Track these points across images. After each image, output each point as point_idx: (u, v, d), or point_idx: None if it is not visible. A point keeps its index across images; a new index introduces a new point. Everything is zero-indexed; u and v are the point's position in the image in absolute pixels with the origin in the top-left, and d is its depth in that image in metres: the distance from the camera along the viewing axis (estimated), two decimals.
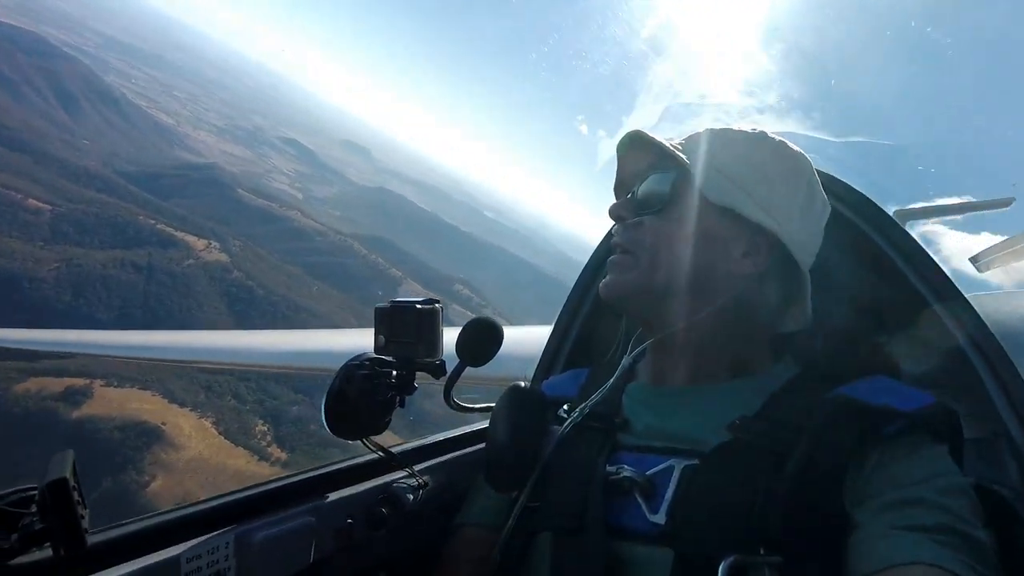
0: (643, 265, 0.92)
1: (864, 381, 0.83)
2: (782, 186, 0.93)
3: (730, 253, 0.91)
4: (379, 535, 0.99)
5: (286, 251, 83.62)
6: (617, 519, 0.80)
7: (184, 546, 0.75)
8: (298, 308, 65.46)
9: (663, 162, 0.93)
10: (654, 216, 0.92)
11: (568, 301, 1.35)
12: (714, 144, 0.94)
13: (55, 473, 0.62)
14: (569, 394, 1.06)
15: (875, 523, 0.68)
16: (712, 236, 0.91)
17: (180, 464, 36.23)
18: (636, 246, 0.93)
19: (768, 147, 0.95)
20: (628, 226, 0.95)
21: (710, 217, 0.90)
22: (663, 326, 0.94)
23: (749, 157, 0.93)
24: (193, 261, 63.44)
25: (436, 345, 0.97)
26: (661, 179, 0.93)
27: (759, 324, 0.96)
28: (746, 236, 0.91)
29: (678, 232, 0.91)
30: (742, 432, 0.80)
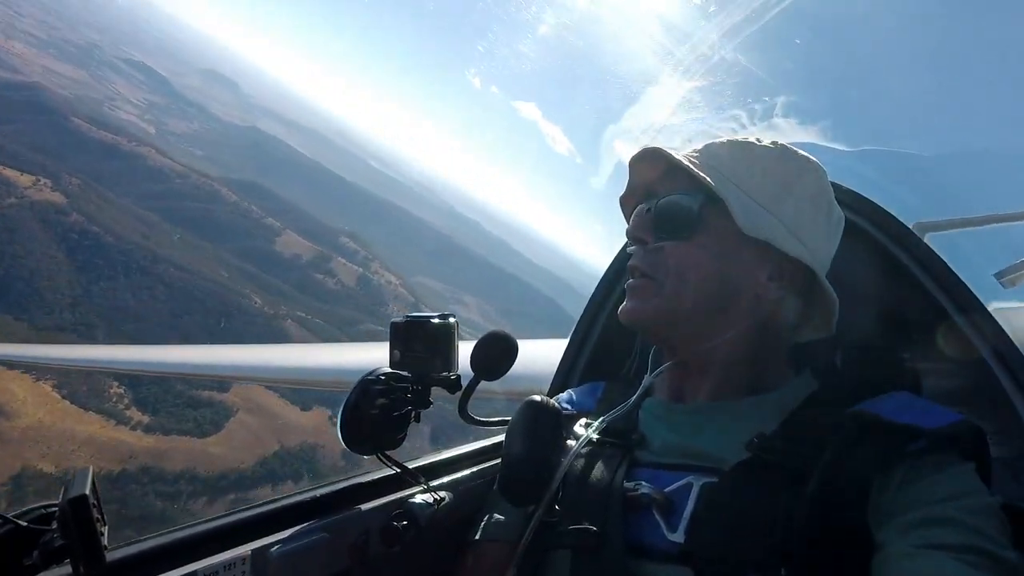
0: (667, 292, 0.90)
1: (886, 397, 0.81)
2: (808, 205, 0.92)
3: (756, 278, 0.90)
4: (394, 551, 0.98)
5: (139, 194, 72.78)
6: (635, 536, 0.79)
7: (202, 563, 0.75)
8: (157, 259, 57.62)
9: (687, 182, 0.90)
10: (679, 241, 0.90)
11: (583, 315, 1.35)
12: (739, 164, 0.91)
13: (76, 490, 0.62)
14: (586, 408, 1.05)
15: (900, 542, 0.66)
16: (740, 264, 0.90)
17: (15, 433, 32.55)
18: (658, 272, 0.91)
19: (794, 163, 0.94)
20: (649, 250, 0.93)
21: (740, 246, 0.89)
22: (685, 349, 0.93)
23: (776, 176, 0.91)
24: (16, 200, 53.27)
25: (451, 360, 0.97)
26: (686, 201, 0.90)
27: (780, 340, 0.95)
28: (773, 261, 0.90)
29: (704, 260, 0.89)
30: (761, 450, 0.78)
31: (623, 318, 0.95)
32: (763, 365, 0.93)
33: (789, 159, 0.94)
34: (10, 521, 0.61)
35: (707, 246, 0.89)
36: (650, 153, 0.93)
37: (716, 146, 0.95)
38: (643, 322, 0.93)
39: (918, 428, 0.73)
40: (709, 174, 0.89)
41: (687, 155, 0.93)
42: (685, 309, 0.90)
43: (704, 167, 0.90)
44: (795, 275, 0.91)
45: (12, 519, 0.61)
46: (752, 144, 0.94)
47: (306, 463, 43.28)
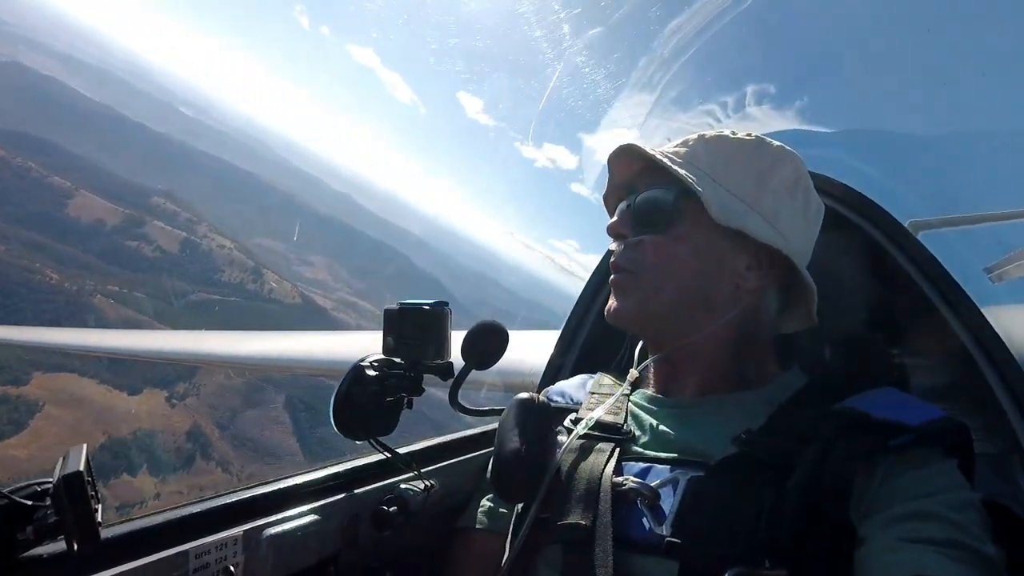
0: (645, 286, 0.92)
1: (872, 393, 0.82)
2: (784, 195, 0.93)
3: (735, 268, 0.91)
4: (385, 535, 0.99)
5: None
6: (624, 530, 0.80)
7: (195, 542, 0.77)
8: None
9: (664, 177, 0.92)
10: (656, 235, 0.92)
11: (575, 307, 1.36)
12: (715, 157, 0.93)
13: (70, 467, 0.63)
14: (576, 401, 1.06)
15: (882, 536, 0.67)
16: (717, 254, 0.91)
17: None
18: (637, 266, 0.93)
19: (769, 155, 0.94)
20: (629, 245, 0.94)
21: (716, 236, 0.90)
22: (669, 343, 0.94)
23: (752, 167, 0.92)
24: None
25: (444, 347, 0.98)
26: (662, 195, 0.92)
27: (763, 332, 0.96)
28: (751, 250, 0.91)
29: (682, 251, 0.91)
30: (748, 445, 0.79)
31: (608, 317, 0.96)
32: (749, 359, 0.94)
33: (764, 150, 0.95)
34: (4, 496, 0.62)
35: (685, 238, 0.90)
36: (626, 150, 0.95)
37: (693, 141, 0.96)
38: (625, 318, 0.94)
39: (902, 424, 0.74)
40: (685, 168, 0.90)
41: (664, 151, 0.94)
42: (665, 302, 0.91)
43: (679, 162, 0.92)
44: (774, 265, 0.92)
45: (6, 494, 0.62)
46: (727, 137, 0.95)
47: (144, 452, 40.45)
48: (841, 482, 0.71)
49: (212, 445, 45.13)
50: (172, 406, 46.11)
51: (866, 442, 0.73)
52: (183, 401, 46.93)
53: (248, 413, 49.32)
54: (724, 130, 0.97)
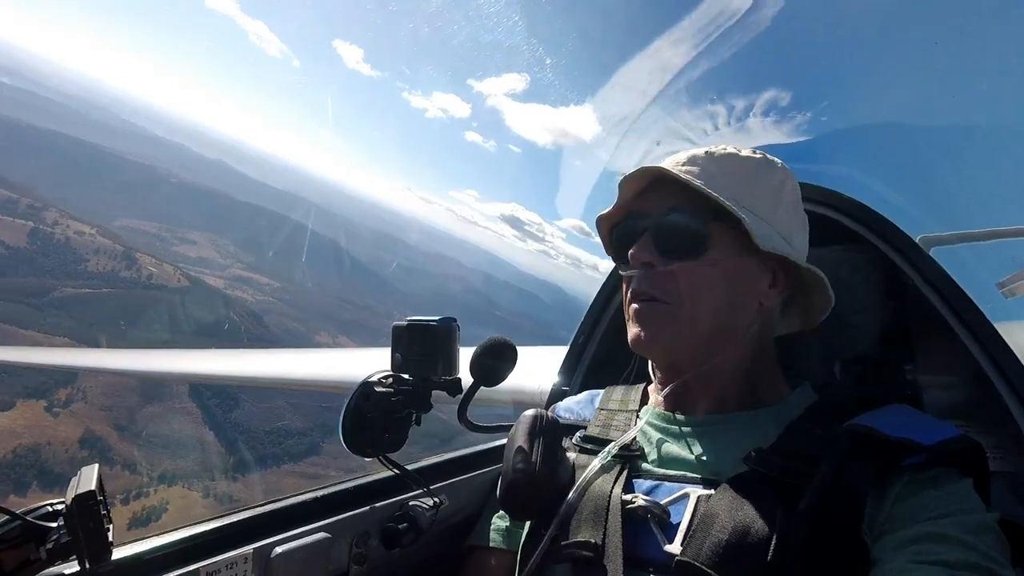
0: (683, 316, 0.88)
1: (884, 410, 0.81)
2: (792, 210, 0.94)
3: (760, 288, 0.91)
4: (395, 552, 0.99)
5: None
6: (633, 548, 0.79)
7: (205, 561, 0.77)
8: None
9: (690, 200, 0.89)
10: (689, 262, 0.88)
11: (582, 324, 1.35)
12: (734, 178, 0.91)
13: (82, 487, 0.63)
14: (584, 417, 1.06)
15: (896, 558, 0.66)
16: (746, 277, 0.90)
17: None
18: (672, 297, 0.88)
19: (778, 172, 0.95)
20: (658, 274, 0.90)
21: (744, 259, 0.89)
22: (692, 368, 0.92)
23: (768, 187, 0.92)
24: None
25: (453, 363, 0.98)
26: (692, 221, 0.88)
27: (770, 345, 0.96)
28: (771, 268, 0.91)
29: (716, 279, 0.88)
30: (758, 463, 0.78)
31: (638, 347, 0.92)
32: (760, 377, 0.94)
33: (774, 167, 0.95)
34: (18, 517, 0.62)
35: (717, 264, 0.88)
36: (650, 172, 0.91)
37: (701, 158, 0.93)
38: (660, 349, 0.91)
39: (915, 443, 0.73)
40: (714, 189, 0.87)
41: (678, 169, 0.91)
42: (701, 332, 0.88)
43: (705, 184, 0.89)
44: (788, 278, 0.93)
45: (19, 515, 0.62)
46: (737, 155, 0.94)
47: (31, 468, 37.29)
48: (853, 502, 0.70)
49: (112, 449, 41.93)
50: (55, 416, 41.72)
51: (878, 461, 0.72)
52: (68, 408, 42.94)
53: (148, 409, 45.34)
54: (727, 147, 0.96)
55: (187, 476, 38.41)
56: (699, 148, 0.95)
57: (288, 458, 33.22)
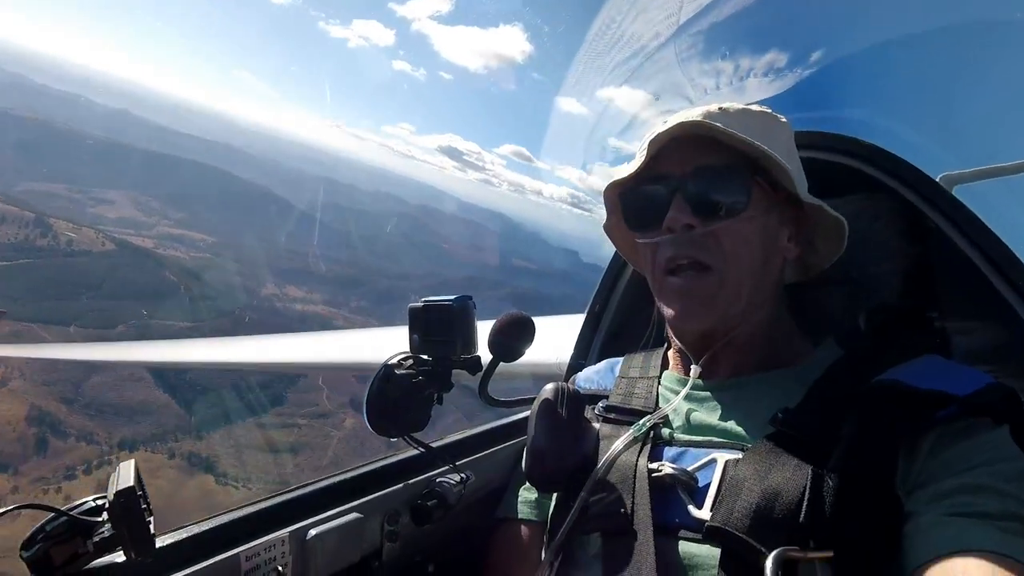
0: (729, 281, 0.84)
1: (913, 362, 0.79)
2: (796, 159, 0.92)
3: (783, 242, 0.90)
4: (425, 528, 1.01)
5: None
6: (662, 516, 0.79)
7: (244, 546, 0.79)
8: None
9: (724, 155, 0.85)
10: (730, 220, 0.84)
11: (598, 292, 1.34)
12: (756, 131, 0.86)
13: (122, 482, 0.66)
14: (604, 386, 1.06)
15: (932, 511, 0.65)
16: (775, 231, 0.88)
17: None
18: (711, 258, 0.85)
19: (784, 124, 0.93)
20: (697, 236, 0.85)
21: (774, 212, 0.87)
22: (726, 335, 0.90)
23: (782, 139, 0.90)
24: None
25: (471, 341, 0.98)
26: (732, 175, 0.84)
27: (783, 297, 0.95)
28: (790, 219, 0.89)
29: (753, 234, 0.85)
30: (785, 424, 0.77)
31: (683, 323, 0.89)
32: (781, 336, 0.93)
33: (779, 121, 0.93)
34: (64, 514, 0.65)
35: (754, 220, 0.85)
36: (689, 127, 0.84)
37: (720, 116, 0.88)
38: (710, 324, 0.87)
39: (947, 393, 0.71)
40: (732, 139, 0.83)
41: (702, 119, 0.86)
42: (743, 297, 0.86)
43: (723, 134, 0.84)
44: (801, 228, 0.92)
45: (65, 512, 0.65)
46: (750, 111, 0.92)
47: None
48: (885, 458, 0.69)
49: (63, 422, 40.30)
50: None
51: (909, 415, 0.71)
52: (5, 387, 40.79)
53: (95, 379, 43.19)
54: (736, 103, 0.92)
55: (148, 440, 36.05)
56: (709, 105, 0.91)
57: (253, 410, 31.84)
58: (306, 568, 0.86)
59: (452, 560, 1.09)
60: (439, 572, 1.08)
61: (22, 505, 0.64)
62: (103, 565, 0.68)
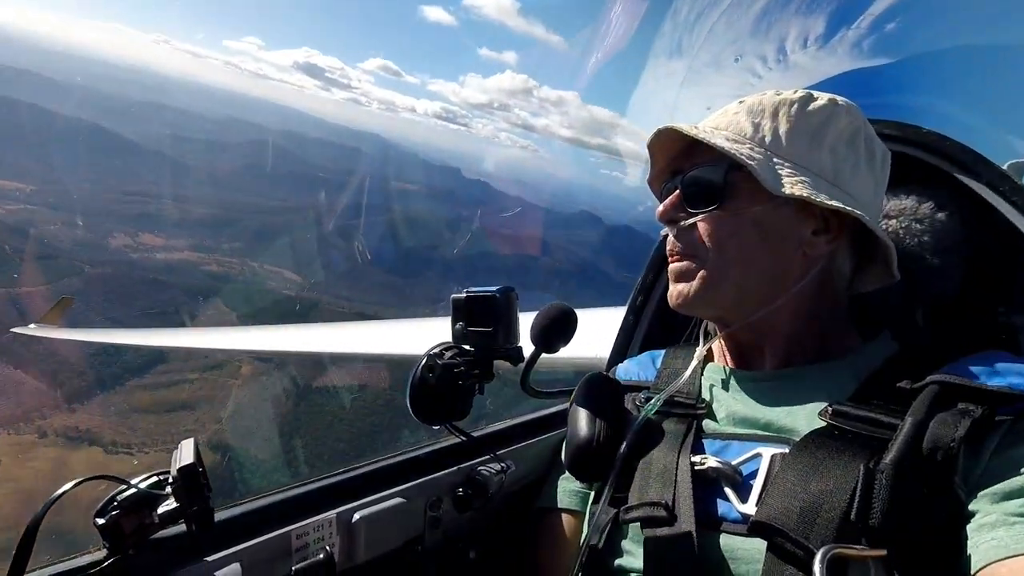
0: (709, 268, 0.87)
1: (976, 357, 0.75)
2: (843, 149, 0.86)
3: (801, 236, 0.86)
4: (466, 516, 1.03)
5: None
6: (705, 510, 0.78)
7: (295, 525, 0.83)
8: None
9: (709, 153, 0.87)
10: (711, 214, 0.87)
11: (640, 284, 1.33)
12: (761, 123, 0.87)
13: (184, 459, 0.69)
14: (646, 378, 1.05)
15: (995, 511, 0.63)
16: (779, 224, 0.86)
17: None
18: (695, 249, 0.88)
19: (820, 109, 0.87)
20: (683, 229, 0.90)
21: (775, 206, 0.85)
22: (739, 321, 0.90)
23: (803, 127, 0.86)
24: None
25: (513, 332, 0.99)
26: (710, 172, 0.87)
27: (840, 296, 0.91)
28: (817, 214, 0.86)
29: (741, 227, 0.86)
30: (835, 418, 0.75)
31: (672, 304, 0.93)
32: (829, 327, 0.90)
33: (813, 105, 0.88)
34: (132, 486, 0.69)
35: (740, 214, 0.86)
36: (665, 132, 0.90)
37: (733, 108, 0.91)
38: (691, 303, 0.90)
39: (1013, 391, 0.68)
40: (730, 140, 0.85)
41: (704, 125, 0.90)
42: (730, 283, 0.87)
43: (725, 133, 0.87)
44: (844, 224, 0.87)
45: (134, 485, 0.69)
46: (769, 97, 0.89)
47: None
48: (945, 455, 0.66)
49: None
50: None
51: (972, 412, 0.68)
52: None
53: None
54: (766, 91, 0.91)
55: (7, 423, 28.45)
56: (737, 100, 0.92)
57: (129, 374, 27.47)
58: (352, 549, 0.89)
59: (492, 548, 1.10)
60: (480, 559, 1.10)
61: (97, 476, 0.68)
62: (167, 536, 0.72)
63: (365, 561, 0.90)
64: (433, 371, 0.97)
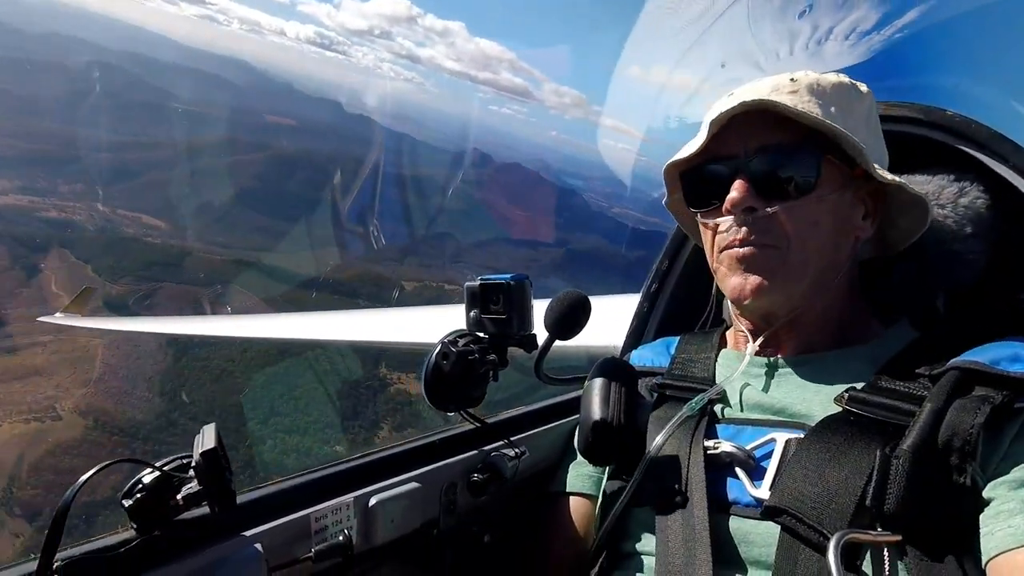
0: (793, 261, 0.82)
1: (996, 344, 0.74)
2: (877, 133, 0.88)
3: (856, 221, 0.86)
4: (480, 501, 1.04)
5: None
6: (718, 493, 0.79)
7: (314, 508, 0.84)
8: None
9: (790, 134, 0.82)
10: (794, 201, 0.81)
11: (655, 271, 1.32)
12: (833, 105, 0.83)
13: (206, 444, 0.71)
14: (659, 364, 1.05)
15: (1013, 498, 0.63)
16: (847, 210, 0.85)
17: None
18: (779, 240, 0.82)
19: (864, 97, 0.88)
20: (761, 217, 0.82)
21: (845, 191, 0.83)
22: (789, 315, 0.88)
23: (860, 112, 0.85)
24: None
25: (527, 319, 0.99)
26: (804, 156, 0.81)
27: (857, 277, 0.92)
28: (864, 197, 0.86)
29: (823, 216, 0.82)
30: (852, 403, 0.75)
31: (741, 295, 0.85)
32: (849, 315, 0.89)
33: (860, 92, 0.88)
34: (156, 469, 0.71)
35: (823, 200, 0.82)
36: (754, 105, 0.80)
37: (791, 88, 0.84)
38: (769, 300, 0.85)
39: None
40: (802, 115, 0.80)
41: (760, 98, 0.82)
42: (810, 274, 0.83)
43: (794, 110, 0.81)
44: (878, 205, 0.88)
45: (159, 467, 0.71)
46: (825, 80, 0.86)
47: None
48: (964, 442, 0.65)
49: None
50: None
51: (992, 399, 0.67)
52: None
53: None
54: (809, 72, 0.87)
55: None
56: (779, 76, 0.87)
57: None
58: (370, 532, 0.91)
59: (507, 531, 1.12)
60: (495, 543, 1.11)
61: (122, 459, 0.70)
62: (191, 518, 0.74)
63: (382, 544, 0.92)
64: (448, 358, 0.97)
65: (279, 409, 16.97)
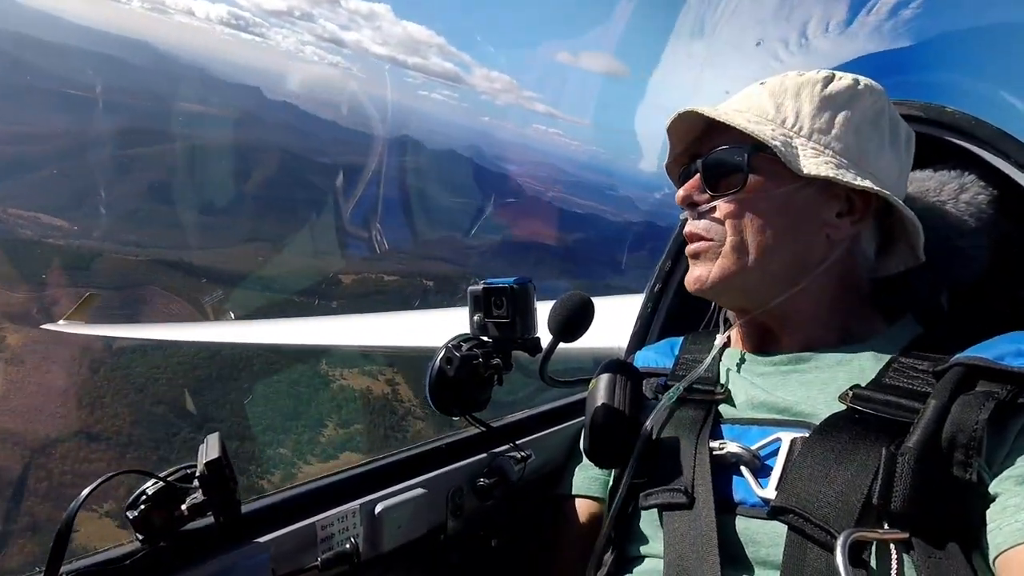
0: (727, 251, 0.87)
1: (999, 340, 0.74)
2: (868, 130, 0.85)
3: (824, 218, 0.85)
4: (487, 505, 1.04)
5: None
6: (724, 494, 0.79)
7: (320, 516, 0.84)
8: None
9: (729, 135, 0.86)
10: (731, 197, 0.86)
11: (657, 271, 1.32)
12: (783, 104, 0.86)
13: (210, 454, 0.70)
14: (664, 365, 1.04)
15: (1019, 493, 0.62)
16: (801, 207, 0.85)
17: None
18: (714, 232, 0.88)
19: (842, 90, 0.86)
20: (702, 212, 0.89)
21: (798, 188, 0.84)
22: (758, 307, 0.90)
23: (825, 108, 0.85)
24: None
25: (531, 323, 0.99)
26: (731, 153, 0.86)
27: (863, 278, 0.90)
28: (841, 195, 0.85)
29: (762, 210, 0.85)
30: (856, 401, 0.75)
31: (688, 287, 0.93)
32: (852, 310, 0.89)
33: (836, 86, 0.86)
34: (161, 479, 0.70)
35: (763, 196, 0.85)
36: (686, 115, 0.89)
37: (753, 90, 0.90)
38: (709, 287, 0.89)
39: None
40: (753, 121, 0.85)
41: (725, 108, 0.89)
42: (749, 267, 0.86)
43: (746, 115, 0.86)
44: (868, 206, 0.86)
45: (163, 478, 0.70)
46: (791, 78, 0.88)
47: None
48: (969, 438, 0.65)
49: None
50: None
51: (997, 394, 0.67)
52: None
53: None
54: (788, 72, 0.90)
55: None
56: (758, 82, 0.92)
57: None
58: (376, 539, 0.90)
59: (514, 535, 1.11)
60: (501, 547, 1.11)
61: (126, 470, 0.69)
62: (196, 528, 0.74)
63: (389, 550, 0.91)
64: (452, 363, 0.97)
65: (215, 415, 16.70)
